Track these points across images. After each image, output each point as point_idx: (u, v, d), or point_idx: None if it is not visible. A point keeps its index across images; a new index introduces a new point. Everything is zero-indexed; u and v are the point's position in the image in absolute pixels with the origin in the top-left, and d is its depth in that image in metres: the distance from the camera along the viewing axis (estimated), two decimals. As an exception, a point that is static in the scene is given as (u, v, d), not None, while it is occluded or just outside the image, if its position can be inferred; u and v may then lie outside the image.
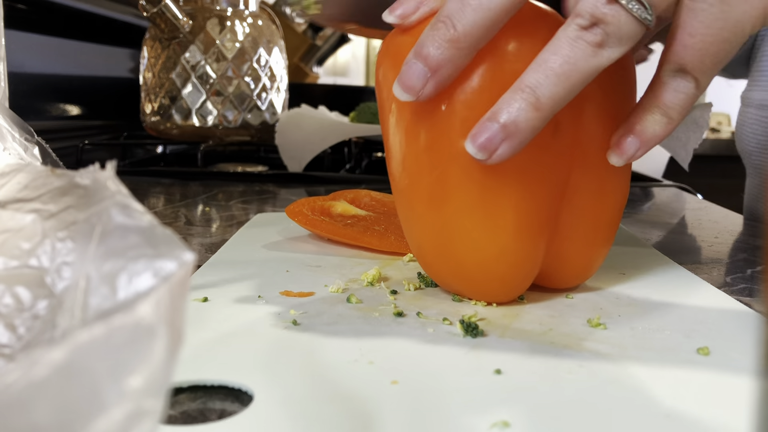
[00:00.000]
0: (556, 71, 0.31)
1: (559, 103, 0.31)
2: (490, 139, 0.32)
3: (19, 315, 0.23)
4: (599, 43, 0.31)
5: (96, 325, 0.15)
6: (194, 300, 0.37)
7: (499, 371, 0.29)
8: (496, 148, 0.32)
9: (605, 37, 0.31)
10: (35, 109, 0.96)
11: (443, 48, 0.32)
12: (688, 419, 0.25)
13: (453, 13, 0.31)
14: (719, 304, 0.38)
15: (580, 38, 0.31)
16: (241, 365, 0.29)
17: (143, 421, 0.15)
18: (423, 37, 0.32)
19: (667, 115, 0.34)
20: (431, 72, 0.32)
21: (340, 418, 0.24)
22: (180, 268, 0.17)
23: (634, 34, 0.31)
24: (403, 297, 0.39)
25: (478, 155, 0.32)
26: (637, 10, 0.31)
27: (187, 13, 0.97)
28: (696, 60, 0.33)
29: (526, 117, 0.31)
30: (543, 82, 0.31)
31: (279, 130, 0.95)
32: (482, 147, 0.32)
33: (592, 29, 0.31)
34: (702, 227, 0.67)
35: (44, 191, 0.25)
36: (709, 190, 1.26)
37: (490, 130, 0.32)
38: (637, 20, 0.31)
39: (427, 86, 0.32)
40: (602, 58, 0.31)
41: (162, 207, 0.70)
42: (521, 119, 0.31)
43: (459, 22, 0.31)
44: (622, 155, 0.35)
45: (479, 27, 0.31)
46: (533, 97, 0.31)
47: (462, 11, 0.31)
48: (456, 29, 0.31)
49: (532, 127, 0.32)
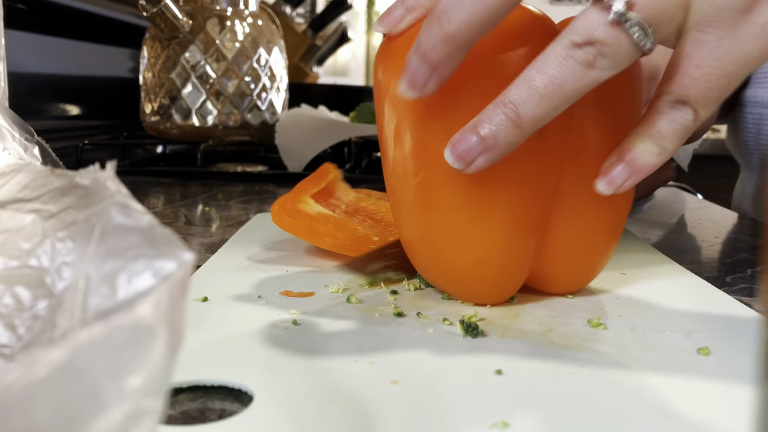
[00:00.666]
0: (540, 91, 0.31)
1: (540, 121, 0.31)
2: (468, 150, 0.32)
3: (19, 315, 0.23)
4: (589, 63, 0.30)
5: (96, 325, 0.15)
6: (194, 300, 0.37)
7: (500, 371, 0.29)
8: (474, 159, 0.32)
9: (597, 58, 0.30)
10: (35, 109, 0.96)
11: (439, 44, 0.31)
12: (688, 419, 0.25)
13: (447, 9, 0.31)
14: (719, 304, 0.38)
15: (570, 57, 0.30)
16: (241, 365, 0.29)
17: (143, 421, 0.15)
18: (420, 33, 0.32)
19: (661, 145, 0.33)
20: (430, 68, 0.32)
21: (340, 418, 0.24)
22: (180, 268, 0.17)
23: (629, 59, 0.31)
24: (403, 297, 0.39)
25: (456, 164, 0.32)
26: (638, 36, 0.30)
27: (187, 12, 0.97)
28: (700, 93, 0.32)
29: (505, 133, 0.31)
30: (526, 100, 0.31)
31: (279, 130, 0.95)
32: (460, 157, 0.32)
33: (585, 48, 0.30)
34: (702, 227, 0.67)
35: (44, 191, 0.25)
36: (709, 190, 1.26)
37: (469, 142, 0.32)
38: (636, 46, 0.30)
39: (429, 82, 0.32)
40: (589, 78, 0.31)
41: (162, 207, 0.70)
42: (500, 135, 0.31)
43: (454, 18, 0.31)
44: (610, 184, 0.34)
45: (474, 23, 0.31)
46: (514, 113, 0.31)
47: (456, 7, 0.31)
48: (451, 25, 0.31)
49: (510, 143, 0.32)
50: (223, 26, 0.98)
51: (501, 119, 0.31)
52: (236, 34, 0.99)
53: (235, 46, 0.98)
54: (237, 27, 0.99)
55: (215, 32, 0.98)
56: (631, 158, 0.33)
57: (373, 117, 1.05)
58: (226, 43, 0.97)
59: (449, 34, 0.31)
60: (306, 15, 2.11)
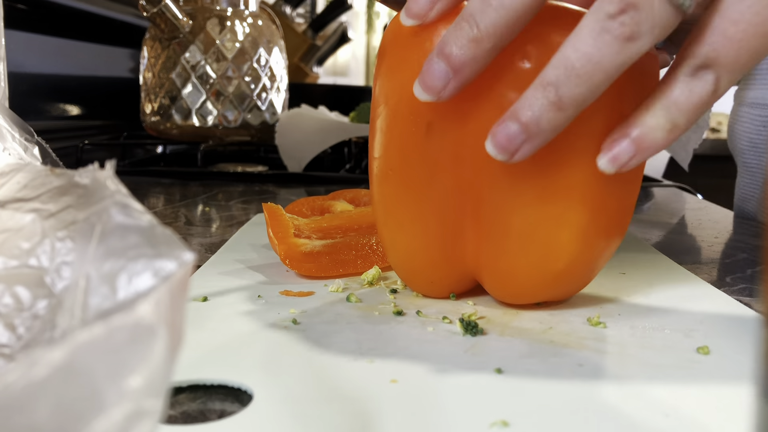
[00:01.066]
0: (578, 71, 0.29)
1: (584, 101, 0.29)
2: (511, 139, 0.30)
3: (18, 315, 0.23)
4: (628, 36, 0.28)
5: (96, 325, 0.15)
6: (194, 300, 0.37)
7: (500, 370, 0.29)
8: (518, 148, 0.30)
9: (635, 27, 0.28)
10: (35, 109, 0.96)
11: (466, 48, 0.30)
12: (688, 419, 0.25)
13: (476, 12, 0.30)
14: (719, 304, 0.38)
15: (606, 31, 0.28)
16: (241, 365, 0.29)
17: (143, 421, 0.15)
18: (446, 36, 0.31)
19: (674, 120, 0.30)
20: (453, 72, 0.31)
21: (340, 418, 0.24)
22: (180, 268, 0.17)
23: (669, 23, 0.28)
24: (403, 296, 0.39)
25: (499, 156, 0.31)
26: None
27: (187, 13, 0.97)
28: (732, 53, 0.29)
29: (548, 117, 0.29)
30: (564, 81, 0.29)
31: (279, 130, 0.96)
32: (502, 147, 0.31)
33: (620, 17, 0.28)
34: (702, 227, 0.67)
35: (44, 191, 0.25)
36: (709, 190, 1.26)
37: (511, 130, 0.30)
38: (674, 6, 0.28)
39: (449, 86, 0.31)
40: (631, 52, 0.28)
41: (162, 207, 0.70)
42: (543, 119, 0.30)
43: (482, 21, 0.30)
44: (614, 162, 0.31)
45: (502, 26, 0.30)
46: (555, 96, 0.29)
47: (485, 10, 0.30)
48: (479, 28, 0.30)
49: (554, 127, 0.30)
50: (223, 26, 0.98)
51: (542, 103, 0.29)
52: (236, 34, 0.99)
53: (235, 46, 0.98)
54: (237, 27, 0.99)
55: (215, 32, 0.98)
56: (640, 134, 0.30)
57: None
58: (226, 43, 0.97)
59: (477, 38, 0.30)
60: (306, 15, 2.11)
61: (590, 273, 0.37)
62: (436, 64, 0.31)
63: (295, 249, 0.43)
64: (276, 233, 0.44)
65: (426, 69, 0.32)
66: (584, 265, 0.36)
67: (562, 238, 0.34)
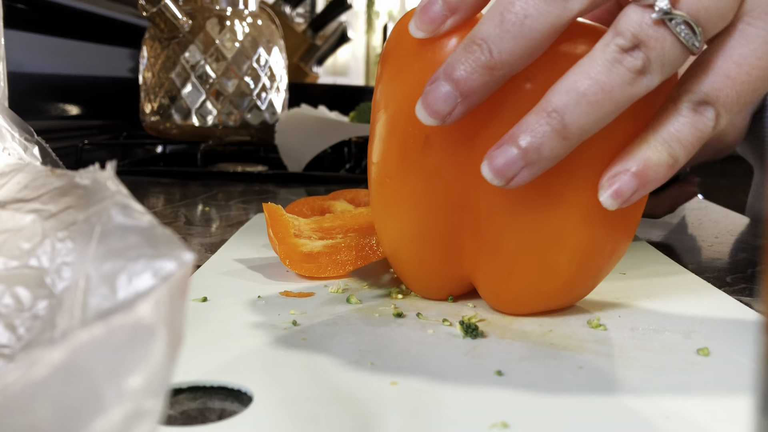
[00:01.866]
0: (589, 99, 0.28)
1: (588, 132, 0.28)
2: (509, 165, 0.29)
3: (18, 315, 0.23)
4: (640, 70, 0.28)
5: (96, 325, 0.15)
6: (194, 300, 0.37)
7: (500, 372, 0.29)
8: (515, 175, 0.29)
9: (646, 63, 0.28)
10: (35, 109, 0.96)
11: (477, 73, 0.29)
12: (688, 420, 0.25)
13: (490, 37, 0.28)
14: (719, 304, 0.38)
15: (619, 62, 0.28)
16: (241, 365, 0.29)
17: (143, 421, 0.15)
18: (455, 58, 0.29)
19: (675, 154, 0.29)
20: (462, 97, 0.29)
21: (340, 419, 0.24)
22: (180, 268, 0.17)
23: (678, 61, 0.28)
24: (403, 298, 0.39)
25: (495, 181, 0.30)
26: (685, 35, 0.28)
27: (186, 12, 0.97)
28: (734, 93, 0.28)
29: (551, 146, 0.28)
30: (573, 108, 0.28)
31: (279, 130, 0.96)
32: (499, 172, 0.29)
33: (633, 52, 0.28)
34: (702, 227, 0.67)
35: (44, 191, 0.25)
36: (709, 190, 1.26)
37: (509, 155, 0.29)
38: (683, 46, 0.28)
39: (455, 111, 0.30)
40: (641, 86, 0.28)
41: (162, 207, 0.70)
42: (545, 147, 0.28)
43: (496, 48, 0.28)
44: (616, 198, 0.30)
45: (518, 55, 0.28)
46: (560, 124, 0.28)
47: (501, 37, 0.28)
48: (493, 55, 0.28)
49: (555, 156, 0.29)
50: (223, 26, 0.98)
51: (545, 130, 0.28)
52: (236, 34, 0.99)
53: (235, 46, 0.98)
54: (237, 27, 0.99)
55: (215, 32, 0.97)
56: (643, 168, 0.29)
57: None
58: (225, 43, 0.97)
59: (490, 64, 0.28)
60: (306, 15, 2.11)
61: (590, 286, 0.37)
62: (443, 86, 0.29)
63: (295, 249, 0.43)
64: (276, 233, 0.44)
65: (431, 91, 0.30)
66: (583, 282, 0.36)
67: (560, 260, 0.34)
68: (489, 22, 0.29)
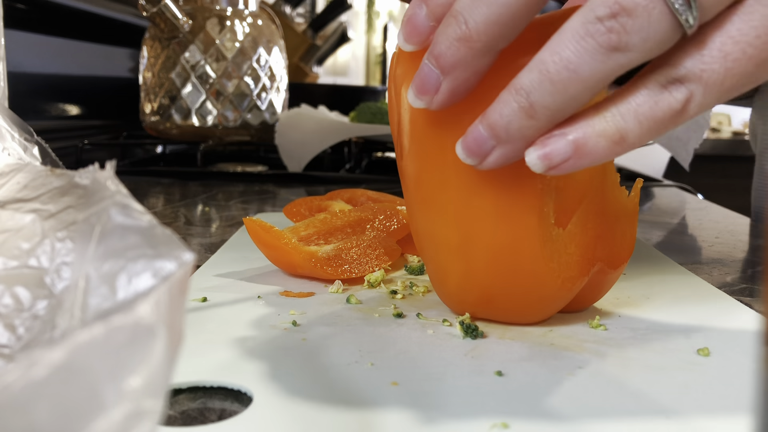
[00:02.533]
0: (552, 77, 0.26)
1: (558, 111, 0.27)
2: (479, 143, 0.28)
3: (18, 315, 0.23)
4: (615, 45, 0.25)
5: (95, 326, 0.15)
6: (194, 300, 0.37)
7: (500, 372, 0.29)
8: (487, 153, 0.28)
9: (623, 36, 0.25)
10: (35, 109, 0.96)
11: (454, 47, 0.28)
12: (688, 420, 0.25)
13: (464, 9, 0.27)
14: (719, 304, 0.38)
15: (589, 35, 0.25)
16: (241, 366, 0.29)
17: (142, 421, 0.15)
18: (435, 35, 0.28)
19: (624, 130, 0.26)
20: (443, 73, 0.28)
21: (340, 420, 0.24)
22: (179, 269, 0.17)
23: (665, 39, 0.25)
24: (403, 298, 0.39)
25: (467, 159, 0.29)
26: (679, 5, 0.24)
27: (186, 12, 0.97)
28: (721, 72, 0.25)
29: (519, 125, 0.27)
30: (536, 87, 0.26)
31: (279, 130, 0.96)
32: (470, 150, 0.29)
33: (609, 21, 0.24)
34: (702, 227, 0.67)
35: (44, 191, 0.24)
36: (710, 190, 1.26)
37: (478, 134, 0.28)
38: (674, 19, 0.24)
39: (441, 91, 0.29)
40: (614, 63, 0.25)
41: (162, 207, 0.70)
42: (513, 126, 0.27)
43: (471, 18, 0.27)
44: (544, 160, 0.27)
45: (493, 23, 0.27)
46: (526, 102, 0.27)
47: (473, 6, 0.27)
48: (468, 26, 0.27)
49: (525, 136, 0.27)
50: (223, 26, 0.98)
51: (513, 108, 0.27)
52: (236, 34, 0.99)
53: (235, 46, 0.98)
54: (237, 27, 0.99)
55: (215, 32, 0.97)
56: (581, 137, 0.27)
57: (373, 117, 1.05)
58: (225, 43, 0.97)
59: (464, 35, 0.27)
60: (306, 15, 2.11)
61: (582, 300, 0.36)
62: (426, 66, 0.29)
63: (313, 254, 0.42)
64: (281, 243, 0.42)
65: (418, 72, 0.29)
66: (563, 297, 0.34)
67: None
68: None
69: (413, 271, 0.44)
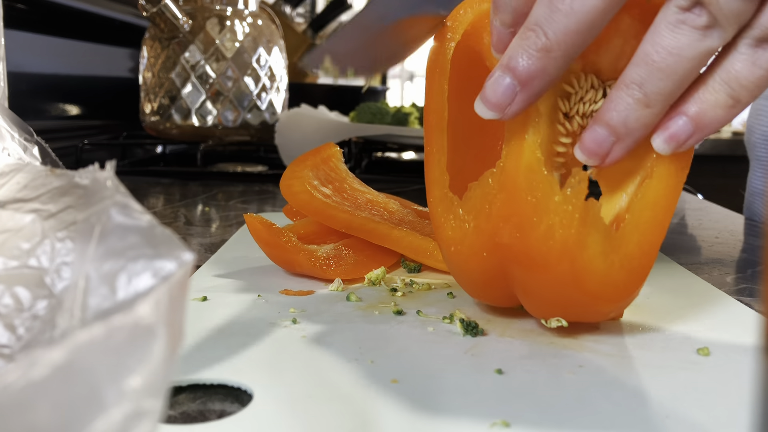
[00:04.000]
0: (659, 65, 0.28)
1: (670, 95, 0.28)
2: (599, 143, 0.30)
3: (18, 315, 0.23)
4: (706, 24, 0.27)
5: (95, 326, 0.15)
6: (194, 299, 0.37)
7: (500, 371, 0.29)
8: (608, 151, 0.30)
9: (711, 19, 0.27)
10: (35, 109, 0.96)
11: (534, 58, 0.28)
12: (688, 420, 0.25)
13: (542, 20, 0.28)
14: (719, 304, 0.38)
15: (683, 22, 0.27)
16: (241, 365, 0.29)
17: (143, 421, 0.15)
18: (511, 48, 0.29)
19: (736, 95, 0.28)
20: (521, 85, 0.29)
21: (341, 417, 0.24)
22: (179, 268, 0.17)
23: (741, 11, 0.27)
24: (403, 295, 0.39)
25: (590, 161, 0.30)
26: None
27: (186, 12, 0.97)
28: None
29: (636, 116, 0.29)
30: (647, 78, 0.28)
31: (279, 130, 0.95)
32: (591, 152, 0.30)
33: (695, 9, 0.27)
34: (702, 227, 0.67)
35: (44, 191, 0.24)
36: (709, 190, 1.26)
37: (598, 134, 0.30)
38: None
39: (516, 102, 0.29)
40: (713, 40, 0.27)
41: (162, 207, 0.70)
42: (631, 118, 0.29)
43: (549, 29, 0.28)
44: (671, 141, 0.29)
45: (573, 33, 0.28)
46: (641, 93, 0.28)
47: (552, 17, 0.28)
48: (548, 37, 0.28)
49: (643, 125, 0.29)
50: (223, 26, 0.98)
51: (628, 102, 0.29)
52: (236, 33, 0.98)
53: (235, 46, 0.98)
54: (237, 27, 0.99)
55: (215, 32, 0.97)
56: (699, 111, 0.29)
57: (373, 117, 1.05)
58: (225, 42, 0.97)
59: (545, 46, 0.28)
60: (306, 15, 2.11)
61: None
62: (501, 78, 0.29)
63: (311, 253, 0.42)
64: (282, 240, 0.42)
65: (489, 84, 0.30)
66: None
67: None
68: (539, 6, 0.28)
69: (411, 269, 0.44)
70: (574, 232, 0.30)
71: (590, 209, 0.30)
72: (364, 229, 0.43)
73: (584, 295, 0.31)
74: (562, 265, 0.30)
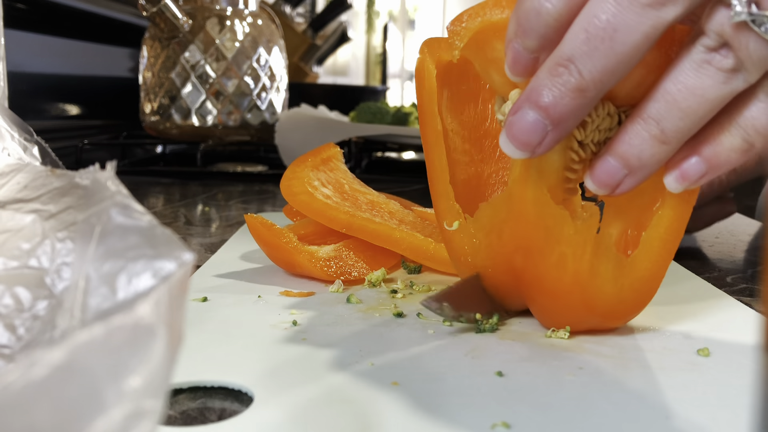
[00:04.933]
0: (680, 104, 0.27)
1: (687, 133, 0.28)
2: (611, 174, 0.29)
3: (18, 315, 0.23)
4: (732, 67, 0.27)
5: (95, 326, 0.15)
6: (194, 300, 0.37)
7: (500, 373, 0.29)
8: (618, 183, 0.29)
9: (737, 62, 0.26)
10: (35, 109, 0.96)
11: (568, 98, 0.27)
12: (688, 420, 0.25)
13: (577, 56, 0.27)
14: (719, 304, 0.38)
15: (708, 63, 0.27)
16: (241, 365, 0.29)
17: (142, 421, 0.15)
18: (539, 83, 0.28)
19: (751, 140, 0.28)
20: (553, 125, 0.28)
21: (341, 420, 0.24)
22: (179, 269, 0.17)
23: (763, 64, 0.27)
24: (403, 297, 0.39)
25: (599, 191, 0.30)
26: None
27: (186, 12, 0.97)
28: None
29: (651, 152, 0.28)
30: (665, 115, 0.28)
31: (279, 130, 0.95)
32: (602, 183, 0.30)
33: (722, 50, 0.27)
34: (702, 227, 0.67)
35: (44, 191, 0.24)
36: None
37: (610, 167, 0.29)
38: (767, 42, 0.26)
39: (546, 141, 0.28)
40: (737, 83, 0.27)
41: (162, 207, 0.70)
42: (646, 154, 0.28)
43: (585, 68, 0.27)
44: (682, 180, 0.29)
45: (610, 73, 0.27)
46: (658, 130, 0.28)
47: (590, 55, 0.26)
48: (583, 76, 0.27)
49: (657, 161, 0.29)
50: (223, 26, 0.98)
51: (643, 137, 0.28)
52: (236, 33, 0.98)
53: (235, 46, 0.98)
54: (237, 27, 0.99)
55: (215, 32, 0.97)
56: (713, 153, 0.29)
57: (372, 117, 1.05)
58: (225, 42, 0.97)
59: (581, 86, 0.27)
60: (306, 15, 2.11)
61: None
62: (529, 115, 0.28)
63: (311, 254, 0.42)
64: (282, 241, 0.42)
65: (515, 121, 0.28)
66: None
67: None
68: (574, 40, 0.27)
69: (412, 270, 0.44)
70: (586, 263, 0.31)
71: (602, 241, 0.31)
72: (365, 230, 0.43)
73: (594, 317, 0.33)
74: (574, 293, 0.32)
